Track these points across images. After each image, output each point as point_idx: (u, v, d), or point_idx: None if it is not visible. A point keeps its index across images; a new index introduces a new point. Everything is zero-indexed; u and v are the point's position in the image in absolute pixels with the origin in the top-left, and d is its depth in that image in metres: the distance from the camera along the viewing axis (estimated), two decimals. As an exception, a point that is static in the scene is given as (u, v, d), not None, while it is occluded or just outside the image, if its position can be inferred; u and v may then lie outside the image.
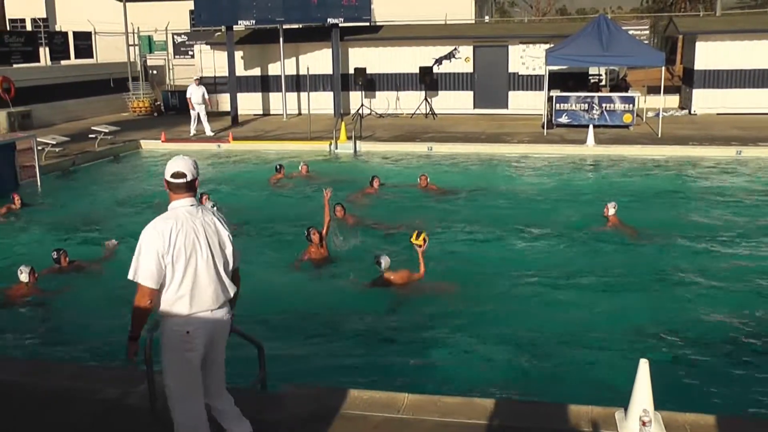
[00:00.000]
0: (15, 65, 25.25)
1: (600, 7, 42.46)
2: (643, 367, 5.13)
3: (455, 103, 26.87)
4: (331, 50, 25.41)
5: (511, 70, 26.47)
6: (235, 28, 25.42)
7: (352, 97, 27.15)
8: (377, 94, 27.41)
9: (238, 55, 27.12)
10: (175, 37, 32.43)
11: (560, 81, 23.99)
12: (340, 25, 25.04)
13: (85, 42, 29.66)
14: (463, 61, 26.74)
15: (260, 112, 28.14)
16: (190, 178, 4.51)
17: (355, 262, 10.28)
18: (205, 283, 4.47)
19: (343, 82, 26.26)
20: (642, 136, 20.49)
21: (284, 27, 25.62)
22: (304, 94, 25.87)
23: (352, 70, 26.40)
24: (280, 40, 25.74)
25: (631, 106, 22.12)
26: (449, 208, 13.89)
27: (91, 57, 30.12)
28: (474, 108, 26.84)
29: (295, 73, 27.33)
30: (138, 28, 29.97)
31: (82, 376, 6.43)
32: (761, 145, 18.64)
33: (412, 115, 26.45)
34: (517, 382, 7.02)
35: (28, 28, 36.01)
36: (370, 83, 26.74)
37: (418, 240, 9.25)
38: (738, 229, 12.08)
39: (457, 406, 5.68)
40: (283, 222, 12.78)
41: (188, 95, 22.69)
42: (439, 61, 26.75)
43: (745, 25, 25.90)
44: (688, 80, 26.37)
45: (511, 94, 26.62)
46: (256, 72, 28.19)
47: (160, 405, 5.29)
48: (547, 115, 22.22)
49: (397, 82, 27.26)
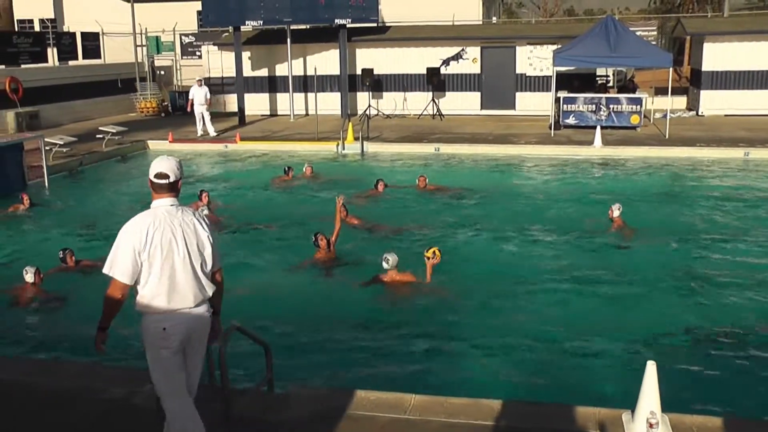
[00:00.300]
0: (23, 66, 25.38)
1: (608, 8, 42.44)
2: (651, 368, 5.10)
3: (462, 104, 26.85)
4: (338, 51, 25.47)
5: (518, 71, 26.43)
6: (243, 28, 25.44)
7: (360, 98, 27.18)
8: (384, 94, 27.41)
9: (246, 55, 27.16)
10: (183, 37, 32.53)
11: (567, 82, 23.97)
12: (348, 26, 25.09)
13: (92, 42, 29.77)
14: (471, 62, 26.71)
15: (268, 113, 28.17)
16: (173, 179, 4.62)
17: (362, 265, 10.26)
18: (182, 281, 4.53)
19: (351, 82, 26.30)
20: (649, 138, 20.43)
21: (292, 28, 25.66)
22: (311, 95, 25.90)
23: (359, 71, 26.46)
24: (288, 40, 25.79)
25: (639, 107, 22.07)
26: (451, 208, 13.86)
27: (99, 57, 30.24)
28: (481, 109, 26.81)
29: (302, 74, 27.36)
30: (146, 29, 30.07)
31: (87, 375, 6.44)
32: (769, 147, 18.55)
33: (420, 115, 26.43)
34: (523, 383, 7.00)
35: (36, 28, 36.06)
36: (377, 84, 26.77)
37: (428, 253, 9.35)
38: (745, 231, 12.03)
39: (464, 406, 5.67)
40: (289, 223, 12.77)
41: (191, 96, 22.75)
42: (446, 62, 26.73)
43: (753, 26, 25.79)
44: (695, 81, 26.30)
45: (518, 95, 26.59)
46: (264, 72, 28.22)
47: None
48: (555, 116, 22.19)
49: (404, 83, 27.25)
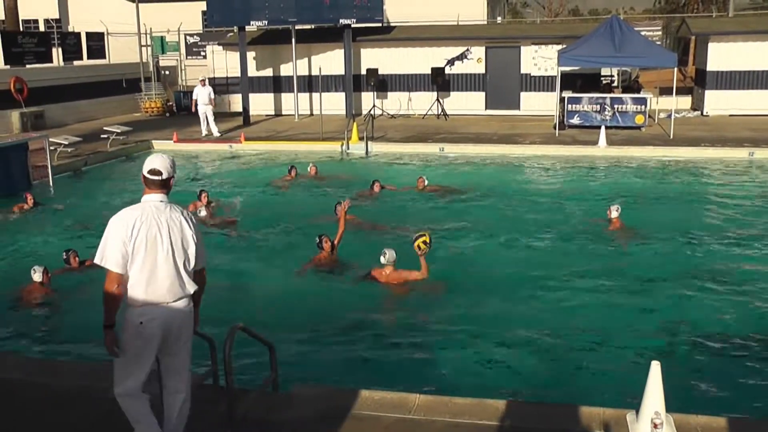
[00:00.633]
0: (28, 66, 25.40)
1: (612, 8, 42.29)
2: (655, 369, 5.10)
3: (467, 103, 26.84)
4: (343, 51, 25.48)
5: (523, 71, 26.41)
6: (248, 28, 25.47)
7: (364, 98, 27.17)
8: (389, 94, 27.42)
9: (251, 55, 27.19)
10: (188, 37, 32.52)
11: (572, 82, 23.95)
12: (353, 26, 25.09)
13: (97, 42, 29.78)
14: (475, 62, 26.70)
15: (272, 113, 28.19)
16: (165, 176, 4.72)
17: (363, 266, 10.24)
18: (163, 276, 4.61)
19: (355, 82, 26.30)
20: (654, 138, 20.40)
21: (296, 28, 25.64)
22: (316, 95, 25.92)
23: (364, 71, 26.44)
24: (293, 40, 25.79)
25: (643, 107, 22.03)
26: (451, 209, 13.87)
27: (104, 57, 30.25)
28: (486, 109, 26.79)
29: (307, 74, 27.38)
30: (150, 29, 30.08)
31: (94, 375, 6.45)
32: (774, 147, 18.50)
33: (424, 115, 26.43)
34: (528, 383, 7.01)
35: (41, 28, 36.12)
36: (382, 84, 26.76)
37: (418, 242, 9.25)
38: (750, 231, 12.02)
39: (468, 406, 5.67)
40: (292, 223, 12.78)
41: (194, 96, 22.78)
42: (451, 62, 26.71)
43: (758, 26, 25.72)
44: (700, 81, 26.26)
45: (523, 95, 26.56)
46: (268, 72, 28.24)
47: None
48: (559, 116, 22.17)
49: (409, 83, 27.25)
